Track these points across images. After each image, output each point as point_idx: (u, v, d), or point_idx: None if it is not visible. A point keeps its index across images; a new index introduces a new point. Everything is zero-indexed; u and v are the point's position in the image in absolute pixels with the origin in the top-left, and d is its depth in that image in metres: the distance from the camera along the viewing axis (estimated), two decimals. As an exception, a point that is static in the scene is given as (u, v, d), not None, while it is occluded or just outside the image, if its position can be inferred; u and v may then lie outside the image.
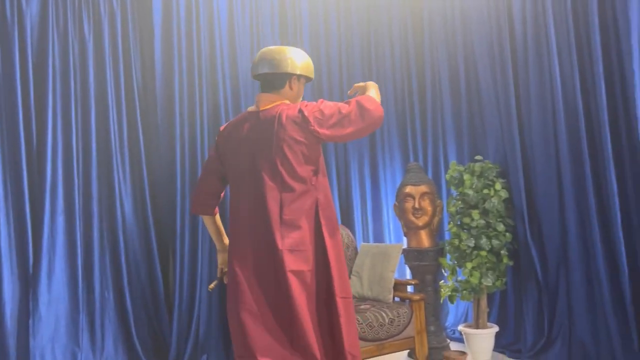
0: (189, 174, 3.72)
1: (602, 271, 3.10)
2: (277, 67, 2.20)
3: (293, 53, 2.25)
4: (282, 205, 2.09)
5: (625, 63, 2.99)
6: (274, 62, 2.20)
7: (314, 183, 2.16)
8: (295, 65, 2.22)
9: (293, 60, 2.22)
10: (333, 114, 2.10)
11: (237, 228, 2.20)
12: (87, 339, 3.39)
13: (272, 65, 2.20)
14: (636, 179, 3.01)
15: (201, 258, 3.67)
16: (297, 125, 2.10)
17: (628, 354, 2.98)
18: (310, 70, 2.29)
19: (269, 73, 2.21)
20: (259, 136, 2.16)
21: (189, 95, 3.77)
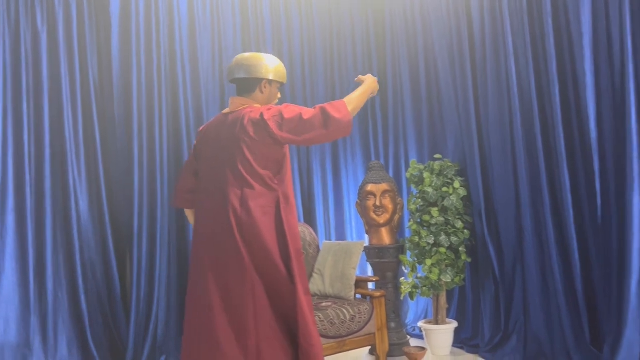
0: (147, 171, 3.64)
1: (556, 267, 3.19)
2: (250, 72, 2.34)
3: (266, 59, 2.39)
4: (242, 201, 2.19)
5: (578, 64, 3.09)
6: (247, 68, 2.35)
7: (276, 182, 2.26)
8: (268, 70, 2.36)
9: (266, 65, 2.36)
10: (293, 119, 2.18)
11: (201, 221, 2.30)
12: (39, 341, 3.26)
13: (246, 70, 2.35)
14: (588, 176, 3.11)
15: (160, 257, 3.60)
16: (257, 127, 2.20)
17: (580, 347, 3.07)
18: (281, 75, 2.41)
19: (242, 78, 2.35)
20: (225, 136, 2.28)
21: (147, 90, 3.68)
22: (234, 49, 4.06)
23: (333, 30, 4.50)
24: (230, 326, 2.14)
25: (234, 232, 2.16)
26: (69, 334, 3.33)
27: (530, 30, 3.32)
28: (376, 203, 3.76)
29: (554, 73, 3.17)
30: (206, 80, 3.92)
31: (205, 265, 2.22)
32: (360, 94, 2.30)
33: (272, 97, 2.41)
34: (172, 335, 3.61)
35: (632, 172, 2.80)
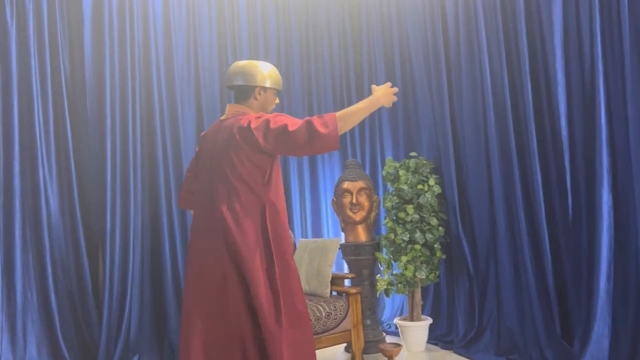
0: (120, 168, 3.58)
1: (528, 262, 3.24)
2: (245, 79, 2.40)
3: (261, 66, 2.44)
4: (229, 206, 2.24)
5: (549, 62, 3.15)
6: (243, 75, 2.41)
7: (262, 189, 2.27)
8: (263, 77, 2.41)
9: (261, 73, 2.41)
10: (278, 129, 2.18)
11: (195, 222, 2.39)
12: (7, 341, 3.18)
13: (241, 77, 2.41)
14: (559, 173, 3.17)
15: (133, 255, 3.54)
16: (244, 135, 2.24)
17: (551, 339, 3.12)
18: (275, 82, 2.45)
19: (238, 85, 2.41)
20: (219, 142, 2.34)
21: (120, 85, 3.62)
22: (209, 44, 4.03)
23: (309, 24, 4.50)
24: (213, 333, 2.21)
25: (220, 236, 2.20)
26: (39, 335, 3.26)
27: (504, 27, 3.37)
28: (352, 200, 3.77)
29: (527, 71, 3.22)
30: (181, 76, 3.88)
31: (193, 266, 2.31)
32: (357, 110, 2.23)
33: (267, 104, 2.45)
34: (146, 335, 3.56)
35: (602, 169, 2.85)
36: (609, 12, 2.83)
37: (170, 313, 3.62)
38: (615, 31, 2.80)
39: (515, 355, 3.27)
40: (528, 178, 3.28)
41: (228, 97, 4.04)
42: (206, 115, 3.92)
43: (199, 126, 3.91)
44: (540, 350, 3.14)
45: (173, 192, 3.71)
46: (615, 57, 2.82)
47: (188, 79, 3.92)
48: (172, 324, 3.61)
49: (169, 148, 3.74)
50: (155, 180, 3.70)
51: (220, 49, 4.07)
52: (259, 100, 2.42)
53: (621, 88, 2.80)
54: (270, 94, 2.45)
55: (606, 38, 2.86)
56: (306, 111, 4.45)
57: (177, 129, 3.78)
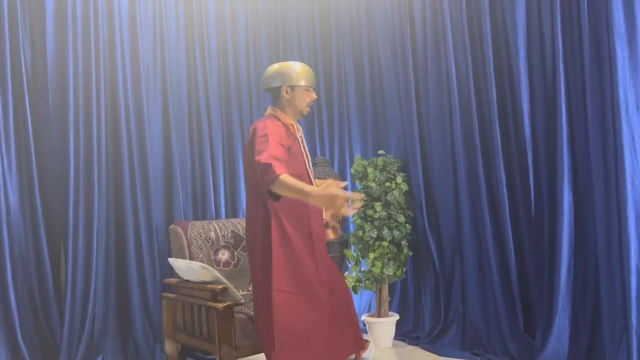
0: (84, 165, 3.49)
1: (492, 258, 3.31)
2: (269, 83, 2.63)
3: (285, 67, 2.63)
4: (246, 207, 2.62)
5: (513, 63, 3.23)
6: (266, 79, 2.65)
7: (264, 194, 2.35)
8: (285, 77, 2.59)
9: (284, 73, 2.60)
10: (255, 149, 2.36)
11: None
12: (-37, 342, 3.07)
13: (266, 82, 2.64)
14: (522, 171, 3.25)
15: (96, 253, 3.46)
16: (249, 139, 2.50)
17: (514, 334, 3.20)
18: (299, 78, 2.58)
19: (268, 89, 2.64)
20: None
21: (84, 81, 3.53)
22: (176, 42, 3.97)
23: (278, 25, 4.50)
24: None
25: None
26: (-4, 334, 3.15)
27: (469, 30, 3.44)
28: (321, 198, 3.77)
29: (491, 72, 3.29)
30: (147, 72, 3.81)
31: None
32: (297, 188, 2.16)
33: (297, 100, 2.59)
34: (110, 334, 3.48)
35: (562, 167, 2.94)
36: (570, 14, 2.93)
37: (136, 312, 3.55)
38: (576, 33, 2.90)
39: (479, 350, 3.34)
40: (492, 176, 3.35)
41: (196, 94, 4.00)
42: (172, 113, 3.86)
43: (165, 123, 3.85)
44: (503, 344, 3.21)
45: (138, 189, 3.64)
46: (575, 58, 2.91)
47: (154, 76, 3.86)
48: (137, 323, 3.54)
49: (134, 144, 3.67)
50: (120, 177, 3.62)
51: (187, 47, 4.02)
52: (287, 98, 2.59)
53: (581, 88, 2.89)
54: (297, 91, 2.59)
55: (567, 40, 2.95)
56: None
57: (142, 125, 3.71)
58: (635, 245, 2.58)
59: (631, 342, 2.54)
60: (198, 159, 3.97)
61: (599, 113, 2.79)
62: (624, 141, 2.61)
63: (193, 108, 3.99)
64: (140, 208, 3.64)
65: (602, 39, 2.74)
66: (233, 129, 4.16)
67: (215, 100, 4.08)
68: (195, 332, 2.99)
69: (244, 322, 2.85)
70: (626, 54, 2.62)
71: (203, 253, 3.43)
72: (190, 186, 3.93)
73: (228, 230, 3.61)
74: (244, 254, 3.59)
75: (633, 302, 2.55)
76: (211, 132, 4.04)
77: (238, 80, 4.24)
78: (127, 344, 3.54)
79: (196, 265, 2.90)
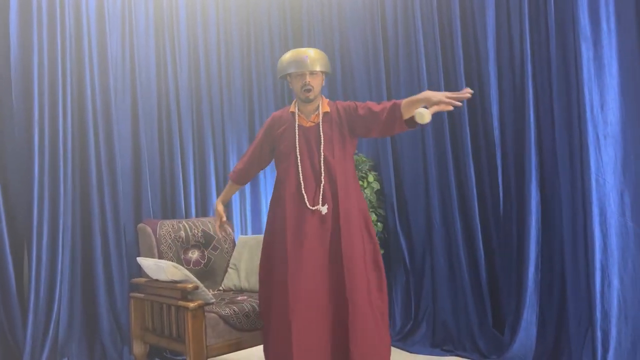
0: (49, 163, 3.39)
1: (462, 256, 3.36)
2: (279, 75, 2.70)
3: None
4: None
5: (483, 64, 3.29)
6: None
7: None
8: (278, 70, 2.68)
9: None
10: None
11: None
12: None
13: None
14: (491, 171, 3.31)
15: (62, 253, 3.36)
16: None
17: (484, 330, 3.25)
18: (282, 68, 2.65)
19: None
20: None
21: (50, 76, 3.43)
22: (146, 37, 3.90)
23: (250, 20, 4.47)
24: None
25: None
26: (-45, 338, 3.02)
27: (440, 29, 3.49)
28: (292, 197, 3.76)
29: (461, 72, 3.35)
30: (115, 68, 3.73)
31: None
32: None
33: (294, 88, 2.63)
34: (75, 336, 3.38)
35: (530, 166, 3.01)
36: (537, 18, 3.00)
37: (102, 313, 3.46)
38: (543, 35, 2.97)
39: (449, 346, 3.38)
40: (462, 175, 3.40)
41: (166, 91, 3.94)
42: (142, 109, 3.79)
43: (134, 120, 3.78)
44: (472, 340, 3.26)
45: (106, 187, 3.56)
46: (543, 60, 2.98)
47: (123, 72, 3.78)
48: (104, 324, 3.45)
49: (101, 141, 3.58)
50: (86, 175, 3.53)
51: (157, 42, 3.96)
52: (291, 87, 2.68)
53: (548, 89, 2.96)
54: (291, 79, 2.63)
55: (534, 42, 3.02)
56: (246, 109, 4.41)
57: (110, 122, 3.63)
58: (600, 242, 2.65)
59: (596, 336, 2.61)
60: (168, 156, 3.91)
61: (566, 113, 2.86)
62: (589, 141, 2.68)
63: (163, 104, 3.93)
64: (108, 206, 3.56)
65: (568, 42, 2.82)
66: (204, 126, 4.11)
67: (186, 96, 4.03)
68: (165, 332, 2.93)
69: (215, 321, 2.81)
70: (591, 56, 2.70)
71: (173, 252, 3.38)
72: (160, 184, 3.86)
73: (198, 229, 3.56)
74: (214, 253, 3.55)
75: (597, 297, 2.62)
76: (181, 129, 3.98)
77: (209, 76, 4.19)
78: (93, 347, 3.45)
79: (165, 264, 2.85)
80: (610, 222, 2.64)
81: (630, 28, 2.62)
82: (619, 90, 2.65)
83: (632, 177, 2.62)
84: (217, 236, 3.44)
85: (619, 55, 2.65)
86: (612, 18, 2.67)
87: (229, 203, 4.22)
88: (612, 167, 2.65)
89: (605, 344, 2.58)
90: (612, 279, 2.63)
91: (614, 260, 2.63)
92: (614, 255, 2.63)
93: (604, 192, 2.66)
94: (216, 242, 3.59)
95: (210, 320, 2.79)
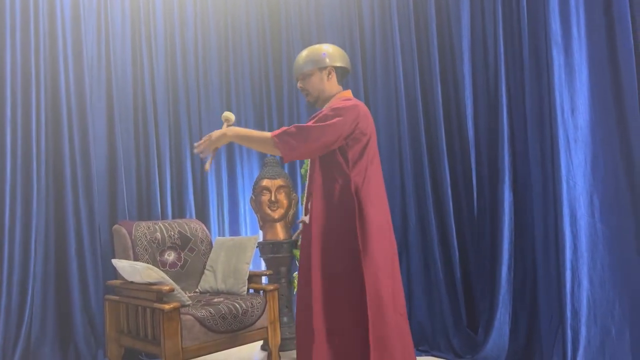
0: (22, 162, 3.34)
1: (437, 255, 3.40)
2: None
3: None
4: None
5: (457, 66, 3.33)
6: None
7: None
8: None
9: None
10: None
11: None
12: None
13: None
14: (465, 171, 3.36)
15: (35, 254, 3.31)
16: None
17: (458, 329, 3.29)
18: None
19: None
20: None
21: (23, 73, 3.38)
22: (122, 37, 3.87)
23: (228, 22, 4.46)
24: None
25: None
26: None
27: (416, 31, 3.52)
28: (271, 198, 3.76)
29: (437, 73, 3.39)
30: (90, 68, 3.69)
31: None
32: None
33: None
34: (48, 339, 3.33)
35: (503, 167, 3.06)
36: (511, 23, 3.05)
37: (76, 316, 3.42)
38: (516, 40, 3.02)
39: (424, 346, 3.41)
40: (437, 176, 3.44)
41: (142, 91, 3.90)
42: (117, 109, 3.76)
43: (109, 120, 3.74)
44: (447, 339, 3.30)
45: (80, 187, 3.52)
46: (516, 64, 3.04)
47: (99, 71, 3.74)
48: (77, 327, 3.41)
49: (76, 141, 3.54)
50: (60, 175, 3.48)
51: (134, 42, 3.92)
52: None
53: (521, 92, 3.02)
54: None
55: (508, 46, 3.07)
56: (224, 108, 4.39)
57: (85, 122, 3.59)
58: (570, 242, 2.71)
59: (566, 335, 2.66)
60: (144, 156, 3.87)
61: (538, 116, 2.92)
62: (560, 143, 2.73)
63: (139, 104, 3.90)
64: (83, 207, 3.51)
65: (541, 47, 2.88)
66: (180, 126, 4.08)
67: (163, 96, 4.00)
68: (140, 335, 2.91)
69: (191, 323, 2.80)
70: (562, 61, 2.76)
71: (148, 254, 3.35)
72: (136, 185, 3.83)
73: (175, 230, 3.54)
74: (190, 255, 3.53)
75: (568, 296, 2.68)
76: (158, 130, 3.95)
77: (186, 76, 4.17)
78: (67, 350, 3.41)
79: (141, 265, 2.82)
80: (580, 224, 2.70)
81: (599, 34, 2.68)
82: (589, 95, 2.71)
83: (601, 180, 2.68)
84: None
85: (588, 61, 2.71)
86: (582, 24, 2.73)
87: (206, 203, 4.20)
88: (582, 170, 2.72)
89: (575, 343, 2.64)
90: (581, 279, 2.69)
91: (584, 261, 2.69)
92: (584, 255, 2.69)
93: (574, 194, 2.71)
94: (193, 244, 3.57)
95: (186, 323, 2.78)
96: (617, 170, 2.62)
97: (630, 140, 2.58)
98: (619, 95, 2.62)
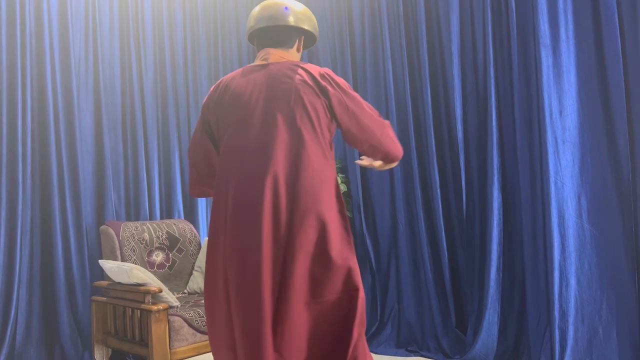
0: (7, 161, 3.29)
1: (427, 256, 3.40)
2: (312, 25, 2.05)
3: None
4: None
5: (447, 68, 3.35)
6: (309, 21, 2.04)
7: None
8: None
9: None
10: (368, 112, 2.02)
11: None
12: None
13: (309, 23, 2.04)
14: (455, 173, 3.37)
15: (20, 255, 3.26)
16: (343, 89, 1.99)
17: (447, 330, 3.30)
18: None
19: (296, 27, 2.00)
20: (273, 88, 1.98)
21: (8, 72, 3.34)
22: (110, 37, 3.83)
23: (217, 21, 4.43)
24: None
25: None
26: None
27: (406, 34, 3.53)
28: (259, 199, 3.75)
29: (426, 76, 3.40)
30: (78, 68, 3.65)
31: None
32: None
33: None
34: (34, 341, 3.29)
35: (492, 169, 3.07)
36: (500, 25, 3.07)
37: (63, 317, 3.37)
38: (505, 42, 3.04)
39: (413, 347, 3.41)
40: (427, 177, 3.45)
41: (130, 91, 3.87)
42: (105, 109, 3.72)
43: (97, 119, 3.70)
44: (436, 340, 3.30)
45: (67, 187, 3.47)
46: (505, 65, 3.06)
47: (86, 71, 3.70)
48: (64, 328, 3.37)
49: (63, 141, 3.50)
50: (47, 176, 3.44)
51: (122, 42, 3.89)
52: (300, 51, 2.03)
53: (510, 94, 3.03)
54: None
55: (497, 48, 3.09)
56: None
57: (72, 121, 3.55)
58: (558, 243, 2.73)
59: (554, 335, 2.68)
60: (132, 157, 3.84)
61: (526, 118, 2.93)
62: (548, 144, 2.75)
63: (127, 105, 3.86)
64: (69, 207, 3.47)
65: (529, 48, 2.89)
66: (169, 126, 4.05)
67: (151, 97, 3.97)
68: (128, 336, 2.88)
69: (179, 324, 2.77)
70: (550, 63, 2.78)
71: (136, 255, 3.32)
72: (123, 185, 3.79)
73: (163, 231, 3.51)
74: (179, 256, 3.51)
75: (556, 297, 2.70)
76: (146, 130, 3.92)
77: (175, 77, 4.14)
78: (52, 352, 3.36)
79: (128, 266, 2.80)
80: (568, 224, 2.72)
81: (587, 36, 2.70)
82: (577, 97, 2.74)
83: (589, 181, 2.70)
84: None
85: (576, 62, 2.74)
86: (570, 26, 2.75)
87: (194, 203, 4.17)
88: (570, 171, 2.74)
89: (563, 343, 2.66)
90: (569, 280, 2.70)
91: (572, 261, 2.71)
92: (572, 256, 2.71)
93: (562, 195, 2.73)
94: (181, 245, 3.55)
95: (174, 324, 2.76)
96: (605, 171, 2.65)
97: (617, 141, 2.60)
98: (607, 97, 2.64)
